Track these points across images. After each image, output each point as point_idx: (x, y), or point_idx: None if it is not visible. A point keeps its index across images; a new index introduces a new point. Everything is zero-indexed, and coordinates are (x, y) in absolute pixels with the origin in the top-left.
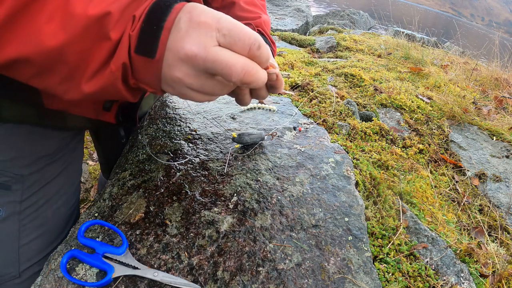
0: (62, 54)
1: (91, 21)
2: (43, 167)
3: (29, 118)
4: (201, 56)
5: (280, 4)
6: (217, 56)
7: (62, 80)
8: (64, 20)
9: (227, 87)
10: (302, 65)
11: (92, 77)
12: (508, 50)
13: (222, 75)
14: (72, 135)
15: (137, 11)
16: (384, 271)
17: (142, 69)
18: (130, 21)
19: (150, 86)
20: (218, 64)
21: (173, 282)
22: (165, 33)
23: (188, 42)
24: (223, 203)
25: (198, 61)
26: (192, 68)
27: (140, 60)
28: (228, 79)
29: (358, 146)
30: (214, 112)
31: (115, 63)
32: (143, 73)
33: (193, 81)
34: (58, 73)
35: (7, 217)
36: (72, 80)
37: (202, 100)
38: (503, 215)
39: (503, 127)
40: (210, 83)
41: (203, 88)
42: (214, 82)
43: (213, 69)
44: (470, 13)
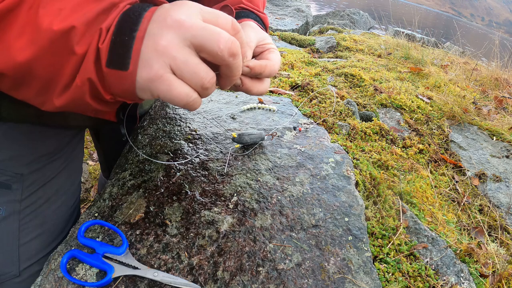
0: (32, 69)
1: (57, 35)
2: (43, 166)
3: (28, 118)
4: (189, 22)
5: (280, 4)
6: (205, 25)
7: (37, 93)
8: (32, 35)
9: (209, 70)
10: (302, 65)
11: (62, 91)
12: (508, 50)
13: (210, 43)
14: (72, 134)
15: (104, 23)
16: (384, 271)
17: (115, 82)
18: (97, 34)
19: (126, 98)
20: (206, 31)
21: (173, 282)
22: (138, 43)
23: (177, 12)
24: (223, 203)
25: (186, 27)
26: (179, 37)
27: (112, 74)
28: (216, 48)
29: (358, 146)
30: (214, 112)
31: (81, 77)
32: (116, 86)
33: (177, 53)
34: (32, 87)
35: (7, 216)
36: (46, 93)
37: (182, 96)
38: (503, 215)
39: (503, 127)
40: (195, 59)
41: (188, 65)
42: (198, 60)
43: (201, 37)
44: (470, 13)
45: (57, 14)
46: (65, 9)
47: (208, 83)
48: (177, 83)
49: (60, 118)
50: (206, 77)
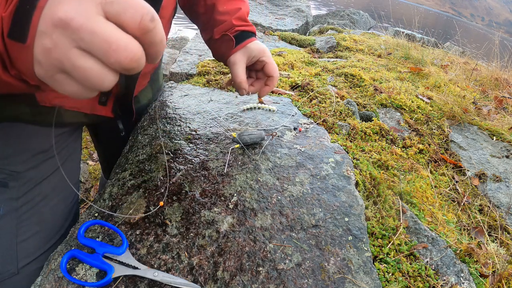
0: None
1: None
2: (39, 163)
3: (23, 116)
4: (77, 22)
5: (280, 4)
6: (97, 27)
7: None
8: None
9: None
10: (302, 65)
11: None
12: (508, 50)
13: (100, 53)
14: (68, 132)
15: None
16: (384, 271)
17: (16, 55)
18: (3, 2)
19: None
20: (96, 37)
21: (173, 282)
22: (37, 13)
23: (66, 6)
24: (223, 203)
25: (73, 28)
26: (64, 37)
27: (13, 46)
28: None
29: (358, 146)
30: (214, 112)
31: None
32: (18, 60)
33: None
34: None
35: (4, 214)
36: None
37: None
38: (503, 215)
39: (503, 127)
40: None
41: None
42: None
43: (90, 43)
44: (470, 13)
45: None
46: None
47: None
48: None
49: (55, 115)
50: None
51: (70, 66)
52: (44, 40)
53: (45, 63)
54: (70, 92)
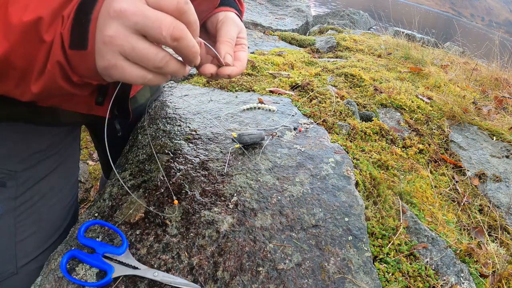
0: (9, 61)
1: (27, 27)
2: (36, 163)
3: (20, 116)
4: (130, 10)
5: (280, 4)
6: (146, 11)
7: (16, 83)
8: (4, 30)
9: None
10: (302, 65)
11: (37, 78)
12: (508, 50)
13: (153, 31)
14: (66, 131)
15: (66, 10)
16: (384, 271)
17: (78, 63)
18: (60, 21)
19: (91, 78)
20: (148, 19)
21: (173, 282)
22: (93, 24)
23: (118, 1)
24: (223, 203)
25: (128, 16)
26: (122, 25)
27: (75, 55)
28: (159, 35)
29: (358, 146)
30: (214, 112)
31: (51, 62)
32: (80, 67)
33: (123, 42)
34: (12, 78)
35: (2, 214)
36: (24, 83)
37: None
38: (503, 215)
39: (503, 127)
40: (142, 45)
41: (135, 51)
42: (145, 44)
43: (143, 25)
44: (470, 13)
45: (24, 9)
46: (31, 3)
47: (160, 62)
48: (130, 68)
49: (52, 115)
50: (156, 59)
51: (130, 49)
52: (105, 32)
53: (108, 53)
54: (133, 77)
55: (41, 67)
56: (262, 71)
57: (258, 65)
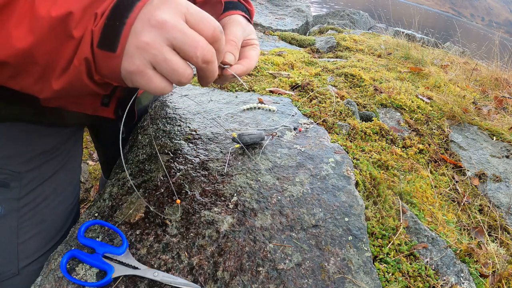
0: (33, 55)
1: (55, 21)
2: (40, 164)
3: (25, 117)
4: (172, 24)
5: (280, 4)
6: (186, 29)
7: (36, 80)
8: (31, 23)
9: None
10: (302, 65)
11: (60, 74)
12: (508, 50)
13: (188, 48)
14: (70, 133)
15: (99, 8)
16: (384, 271)
17: (104, 63)
18: (92, 18)
19: (112, 80)
20: (186, 37)
21: (173, 282)
22: (127, 29)
23: (160, 11)
24: (223, 203)
25: (168, 28)
26: (161, 36)
27: (102, 55)
28: (192, 54)
29: (358, 146)
30: (214, 112)
31: (78, 58)
32: (104, 67)
33: (158, 51)
34: (32, 74)
35: (5, 214)
36: (45, 79)
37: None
38: (503, 215)
39: (503, 127)
40: (174, 58)
41: (167, 63)
42: (176, 59)
43: (181, 41)
44: (470, 13)
45: (53, 3)
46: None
47: (185, 79)
48: (155, 77)
49: (57, 116)
50: (184, 74)
51: (162, 59)
52: (141, 38)
53: (138, 59)
54: (154, 87)
55: (66, 64)
56: (262, 71)
57: (258, 65)
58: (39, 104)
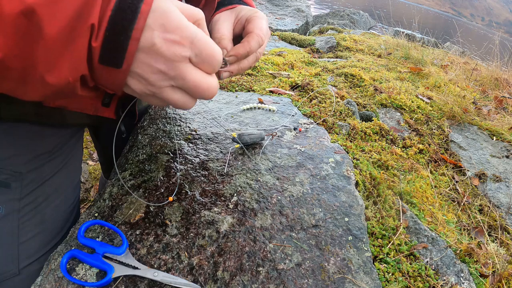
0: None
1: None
2: (41, 164)
3: (27, 117)
4: (171, 73)
5: (280, 4)
6: (187, 75)
7: (17, 83)
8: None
9: (212, 81)
10: (302, 65)
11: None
12: (508, 50)
13: (190, 92)
14: (70, 133)
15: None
16: (384, 271)
17: (105, 76)
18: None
19: (110, 90)
20: (186, 82)
21: (173, 282)
22: (134, 44)
23: (160, 60)
24: (223, 203)
25: (169, 75)
26: (161, 80)
27: (104, 69)
28: (195, 95)
29: (358, 146)
30: (214, 112)
31: (73, 76)
32: (105, 80)
33: (155, 90)
34: (9, 78)
35: (6, 214)
36: (27, 83)
37: (179, 102)
38: (503, 215)
39: (503, 127)
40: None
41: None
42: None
43: (183, 85)
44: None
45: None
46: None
47: (210, 96)
48: (176, 95)
49: (58, 116)
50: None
51: (161, 97)
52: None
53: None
54: (154, 104)
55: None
56: (262, 71)
57: (258, 65)
58: (40, 104)
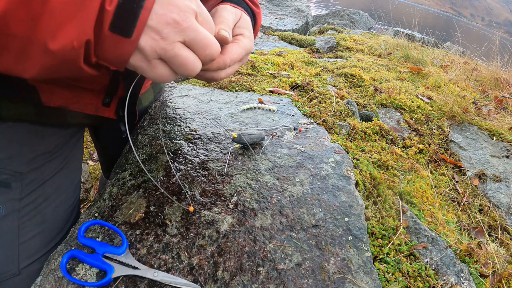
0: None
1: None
2: (42, 164)
3: (27, 116)
4: (187, 23)
5: (280, 4)
6: (200, 28)
7: (16, 56)
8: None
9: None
10: (302, 65)
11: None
12: (508, 50)
13: (199, 46)
14: (71, 133)
15: None
16: (384, 271)
17: (112, 47)
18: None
19: (114, 64)
20: (199, 35)
21: (173, 282)
22: (145, 13)
23: (175, 10)
24: (223, 203)
25: (183, 27)
26: (173, 33)
27: (112, 38)
28: (204, 51)
29: (358, 146)
30: (214, 112)
31: (78, 40)
32: (111, 51)
33: (167, 46)
34: (10, 49)
35: (6, 214)
36: (26, 55)
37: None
38: (503, 215)
39: (503, 127)
40: (184, 54)
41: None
42: (187, 53)
43: (194, 39)
44: (470, 13)
45: None
46: None
47: (193, 73)
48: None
49: (59, 116)
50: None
51: (172, 54)
52: (153, 33)
53: (149, 51)
54: (158, 75)
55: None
56: (262, 71)
57: (258, 65)
58: (40, 103)
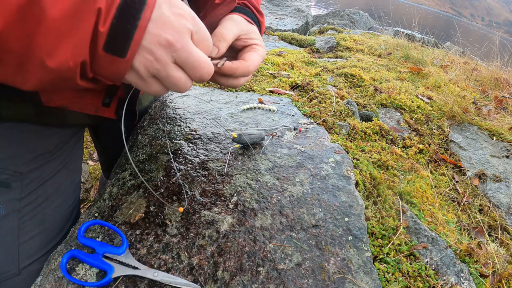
0: (3, 40)
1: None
2: (42, 164)
3: (27, 116)
4: (179, 44)
5: (280, 4)
6: (193, 50)
7: (15, 69)
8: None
9: (187, 82)
10: (302, 65)
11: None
12: (508, 50)
13: (191, 67)
14: (71, 133)
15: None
16: (384, 271)
17: (107, 65)
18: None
19: (108, 80)
20: (191, 56)
21: (173, 282)
22: (139, 33)
23: (169, 31)
24: (223, 203)
25: (175, 48)
26: (166, 54)
27: (107, 58)
28: (194, 73)
29: (358, 146)
30: (214, 112)
31: (74, 60)
32: (106, 70)
33: (161, 67)
34: (7, 63)
35: (7, 214)
36: (25, 69)
37: (157, 92)
38: (503, 215)
39: (503, 127)
40: (176, 75)
41: (169, 78)
42: (179, 74)
43: (185, 60)
44: (470, 13)
45: None
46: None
47: (184, 91)
48: (154, 84)
49: (59, 116)
50: (185, 88)
51: (165, 75)
52: (147, 54)
53: (143, 72)
54: (152, 91)
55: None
56: (262, 71)
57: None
58: (40, 103)
